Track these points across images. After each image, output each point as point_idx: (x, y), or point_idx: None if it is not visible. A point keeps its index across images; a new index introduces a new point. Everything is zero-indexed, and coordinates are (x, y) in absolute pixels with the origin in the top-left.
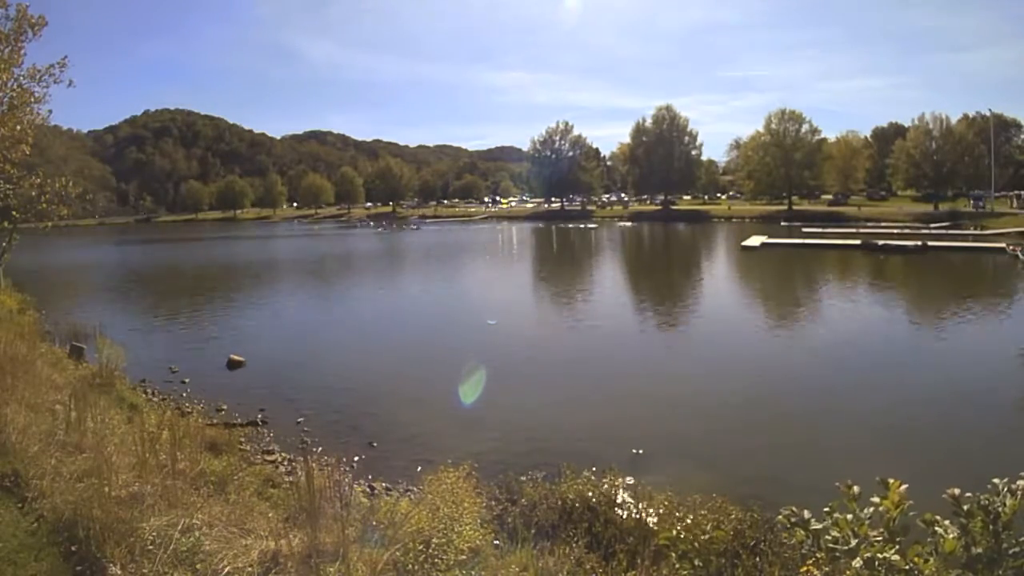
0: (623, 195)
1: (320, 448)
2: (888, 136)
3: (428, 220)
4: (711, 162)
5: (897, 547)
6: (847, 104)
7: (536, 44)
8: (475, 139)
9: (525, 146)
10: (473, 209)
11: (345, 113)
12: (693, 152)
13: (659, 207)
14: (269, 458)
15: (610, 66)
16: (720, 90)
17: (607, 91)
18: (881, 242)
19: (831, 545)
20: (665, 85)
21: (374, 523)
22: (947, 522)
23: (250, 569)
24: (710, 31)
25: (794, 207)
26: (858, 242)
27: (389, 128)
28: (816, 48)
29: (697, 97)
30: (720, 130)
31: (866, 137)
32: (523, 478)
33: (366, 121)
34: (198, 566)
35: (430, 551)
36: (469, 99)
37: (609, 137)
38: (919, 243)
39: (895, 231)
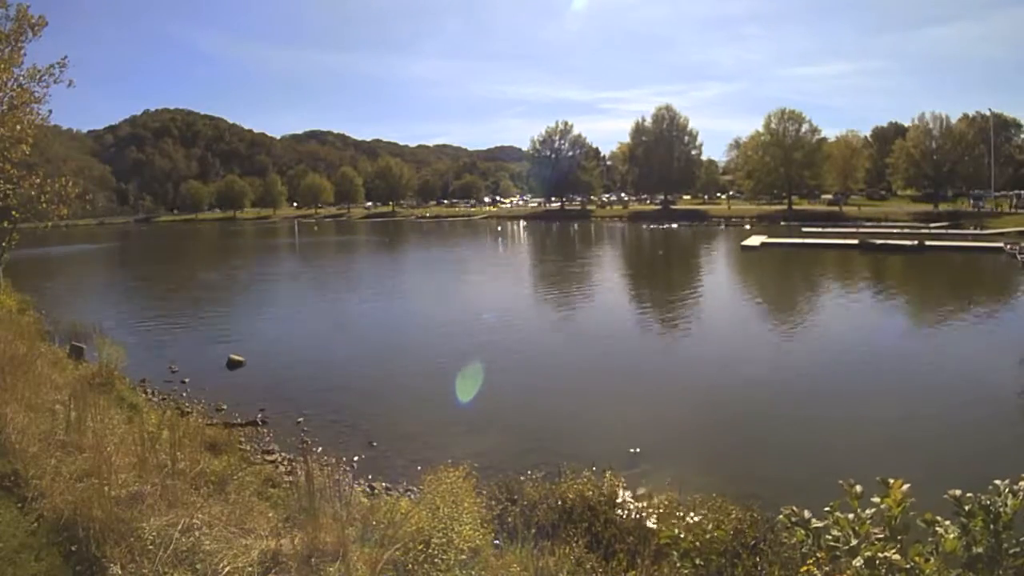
0: (623, 195)
1: (320, 448)
2: (888, 136)
3: (426, 219)
4: (711, 162)
5: (898, 546)
6: (822, 95)
7: (448, 29)
8: (413, 139)
9: (478, 144)
10: (473, 208)
11: (344, 112)
12: (693, 152)
13: (659, 207)
14: (269, 458)
15: (543, 54)
16: (675, 80)
17: (548, 83)
18: (879, 242)
19: (832, 544)
20: (613, 75)
21: (374, 523)
22: (948, 522)
23: (250, 569)
24: (628, 8)
25: (794, 207)
26: (855, 242)
27: (389, 128)
28: (755, 25)
29: (652, 88)
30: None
31: (866, 137)
32: (523, 478)
33: (366, 121)
34: (198, 566)
35: (430, 551)
36: (387, 92)
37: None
38: (916, 243)
39: (895, 231)
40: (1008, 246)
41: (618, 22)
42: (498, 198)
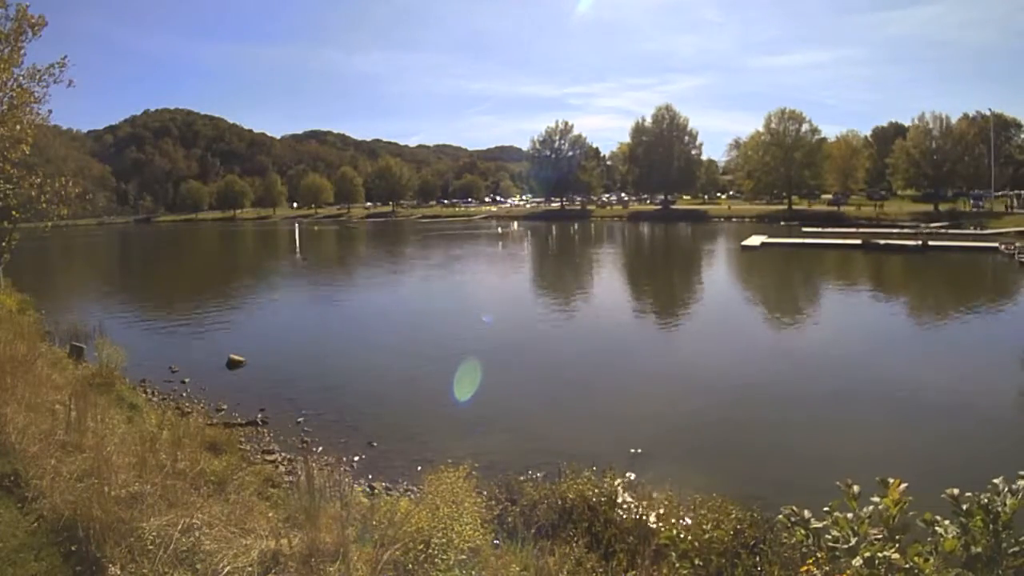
0: (623, 195)
1: (320, 448)
2: (888, 136)
3: (426, 219)
4: (711, 162)
5: (897, 546)
6: (805, 89)
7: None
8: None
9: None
10: (473, 209)
11: (345, 112)
12: (693, 152)
13: (659, 207)
14: (269, 458)
15: (491, 45)
16: (640, 73)
17: (506, 77)
18: (882, 242)
19: (831, 544)
20: (575, 69)
21: (374, 523)
22: (947, 521)
23: (250, 569)
24: None
25: (794, 207)
26: (858, 242)
27: (389, 128)
28: (712, 10)
29: (618, 82)
30: None
31: (866, 137)
32: (523, 478)
33: (366, 120)
34: (198, 566)
35: (430, 551)
36: (325, 87)
37: (529, 132)
38: (919, 243)
39: (895, 231)
40: (1003, 246)
41: (564, 7)
42: (498, 198)
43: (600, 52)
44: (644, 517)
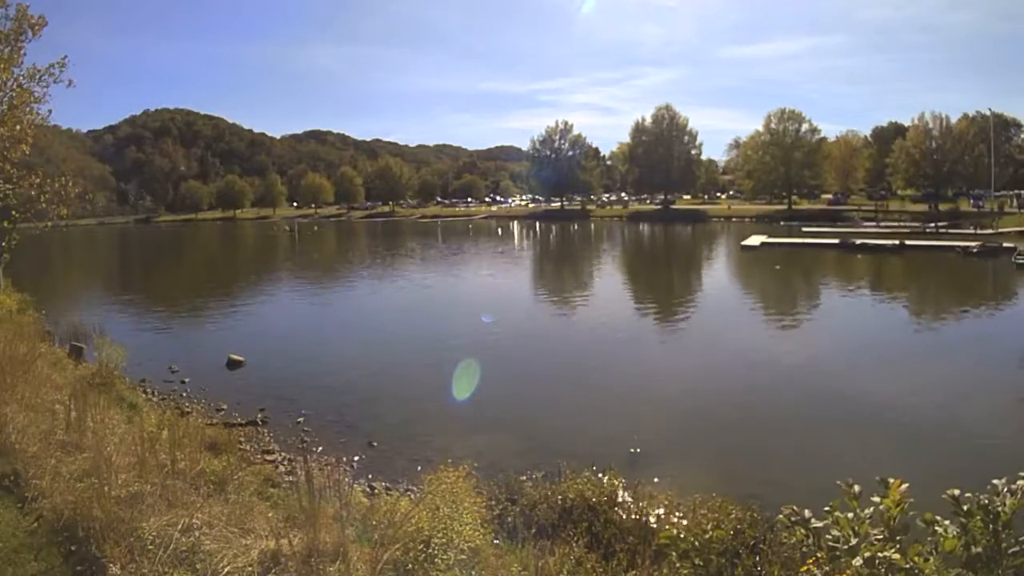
0: (623, 195)
1: (320, 448)
2: (888, 135)
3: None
4: (711, 161)
5: (897, 546)
6: (787, 84)
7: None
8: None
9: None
10: (473, 209)
11: (345, 112)
12: (693, 152)
13: (659, 207)
14: (269, 458)
15: (440, 35)
16: (605, 66)
17: (471, 71)
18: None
19: (832, 544)
20: (540, 63)
21: (374, 523)
22: (947, 521)
23: (250, 569)
24: None
25: (794, 207)
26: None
27: (389, 128)
28: None
29: (585, 76)
30: (629, 122)
31: (866, 136)
32: (523, 478)
33: (366, 120)
34: (198, 566)
35: (430, 551)
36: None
37: (516, 130)
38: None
39: (893, 231)
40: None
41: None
42: (498, 198)
43: (562, 44)
44: (644, 517)
